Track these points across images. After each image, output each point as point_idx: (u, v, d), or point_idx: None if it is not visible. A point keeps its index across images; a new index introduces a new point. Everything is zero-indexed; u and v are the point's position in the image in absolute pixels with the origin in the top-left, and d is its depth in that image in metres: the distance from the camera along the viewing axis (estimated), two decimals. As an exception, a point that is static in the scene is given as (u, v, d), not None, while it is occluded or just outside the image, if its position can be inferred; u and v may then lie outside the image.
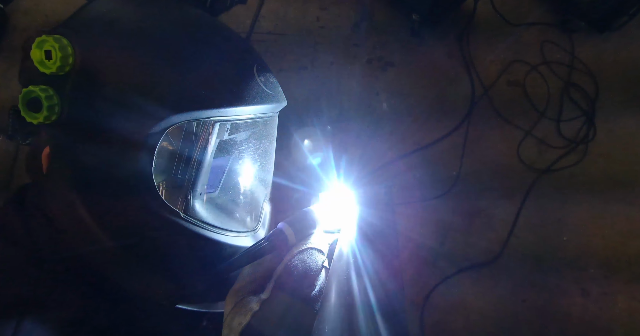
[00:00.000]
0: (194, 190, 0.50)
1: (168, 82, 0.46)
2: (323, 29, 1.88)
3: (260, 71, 0.56)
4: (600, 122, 1.65)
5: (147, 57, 0.46)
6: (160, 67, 0.46)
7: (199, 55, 0.48)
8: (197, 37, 0.50)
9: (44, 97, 0.45)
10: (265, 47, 1.88)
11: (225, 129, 0.52)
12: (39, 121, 0.46)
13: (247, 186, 0.64)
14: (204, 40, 0.50)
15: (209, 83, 0.47)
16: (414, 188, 1.66)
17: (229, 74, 0.50)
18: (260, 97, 0.54)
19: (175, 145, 0.48)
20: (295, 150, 1.51)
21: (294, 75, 1.83)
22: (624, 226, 1.55)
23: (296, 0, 1.93)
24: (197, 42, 0.49)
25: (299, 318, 0.44)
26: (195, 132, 0.49)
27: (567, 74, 1.70)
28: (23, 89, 0.47)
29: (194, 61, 0.47)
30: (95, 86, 0.45)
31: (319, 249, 0.47)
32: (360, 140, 1.72)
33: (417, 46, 1.80)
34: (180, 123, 0.46)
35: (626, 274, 1.52)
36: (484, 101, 1.71)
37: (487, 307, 1.54)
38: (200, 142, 0.48)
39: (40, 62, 0.46)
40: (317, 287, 0.45)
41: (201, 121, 0.48)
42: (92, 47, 0.46)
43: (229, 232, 0.55)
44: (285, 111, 0.73)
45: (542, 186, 1.61)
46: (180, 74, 0.46)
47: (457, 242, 1.60)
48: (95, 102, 0.46)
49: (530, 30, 1.78)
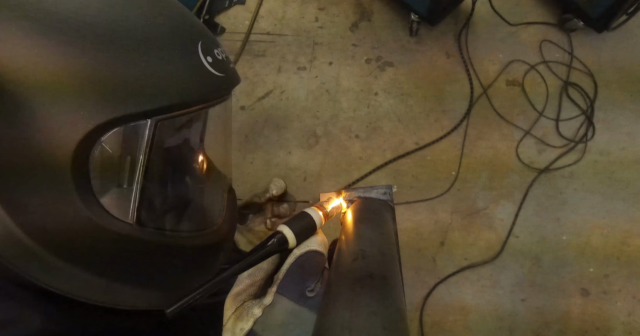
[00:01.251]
0: (144, 197, 0.44)
1: (86, 84, 0.37)
2: (321, 29, 1.88)
3: (206, 50, 0.46)
4: (599, 121, 1.65)
5: (59, 51, 0.36)
6: (77, 56, 0.37)
7: (129, 44, 0.39)
8: (129, 25, 0.40)
9: None
10: (263, 47, 1.88)
11: (171, 125, 0.46)
12: None
13: (205, 180, 0.59)
14: (135, 21, 0.41)
15: (141, 77, 0.39)
16: (413, 187, 1.66)
17: (166, 61, 0.41)
18: (207, 83, 0.45)
19: (114, 151, 0.41)
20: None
21: (292, 75, 1.83)
22: (623, 225, 1.56)
23: (295, 1, 1.93)
24: (128, 30, 0.40)
25: (302, 322, 0.44)
26: (135, 135, 0.41)
27: (565, 74, 1.70)
28: None
29: (124, 49, 0.39)
30: (1, 89, 0.36)
31: (320, 252, 0.46)
32: (359, 140, 1.72)
33: (415, 46, 1.81)
34: (113, 129, 0.39)
35: (626, 274, 1.52)
36: (483, 100, 1.71)
37: (486, 307, 1.54)
38: (143, 145, 0.42)
39: None
40: (319, 290, 0.45)
41: (138, 123, 0.41)
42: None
43: (192, 232, 0.52)
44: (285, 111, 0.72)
45: (541, 186, 1.62)
46: (102, 69, 0.38)
47: (456, 242, 1.60)
48: (1, 110, 0.36)
49: (528, 29, 1.78)
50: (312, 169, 1.72)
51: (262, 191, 0.70)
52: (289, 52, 1.87)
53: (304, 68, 1.84)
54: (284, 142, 1.75)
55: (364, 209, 0.56)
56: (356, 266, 0.39)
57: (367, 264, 0.39)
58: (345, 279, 0.37)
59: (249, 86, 1.82)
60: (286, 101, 1.80)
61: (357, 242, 0.44)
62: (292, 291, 0.44)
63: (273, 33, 1.90)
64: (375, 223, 0.50)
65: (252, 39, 1.91)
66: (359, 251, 0.41)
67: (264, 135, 1.76)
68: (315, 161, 1.73)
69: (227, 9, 1.97)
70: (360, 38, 1.85)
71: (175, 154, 0.51)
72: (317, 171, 1.72)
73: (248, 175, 1.71)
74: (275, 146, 1.74)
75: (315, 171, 1.72)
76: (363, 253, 0.41)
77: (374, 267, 0.39)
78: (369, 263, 0.39)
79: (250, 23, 1.92)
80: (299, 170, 1.72)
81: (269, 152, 1.74)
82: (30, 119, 0.36)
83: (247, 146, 1.76)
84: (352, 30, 1.86)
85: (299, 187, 1.71)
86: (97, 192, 0.41)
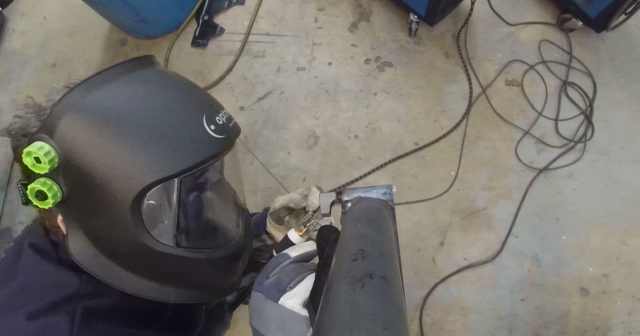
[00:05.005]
0: (179, 228, 0.65)
1: (135, 161, 0.58)
2: (321, 29, 1.88)
3: (209, 120, 0.65)
4: (598, 121, 1.65)
5: (113, 144, 0.58)
6: (125, 150, 0.58)
7: (156, 130, 0.60)
8: (153, 114, 0.61)
9: (46, 189, 0.59)
10: (263, 48, 1.88)
11: (192, 179, 0.66)
12: (48, 206, 0.59)
13: (223, 208, 0.80)
14: (159, 115, 0.62)
15: (169, 152, 0.60)
16: (412, 188, 1.66)
17: (183, 137, 0.62)
18: (213, 146, 0.65)
19: (157, 200, 0.62)
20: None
21: (292, 76, 1.83)
22: (623, 224, 1.56)
23: (294, 1, 1.93)
24: (153, 119, 0.61)
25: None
26: (169, 189, 0.62)
27: (564, 73, 1.71)
28: (29, 186, 0.59)
29: (154, 137, 0.60)
30: (80, 172, 0.58)
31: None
32: (358, 140, 1.73)
33: (414, 46, 1.81)
34: (154, 187, 0.60)
35: (625, 273, 1.52)
36: (482, 100, 1.72)
37: (486, 306, 1.54)
38: (174, 195, 0.62)
39: (33, 166, 0.58)
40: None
41: (169, 181, 0.61)
42: (69, 144, 0.58)
43: (215, 248, 0.71)
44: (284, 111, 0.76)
45: (541, 185, 1.62)
46: (143, 151, 0.59)
47: (456, 242, 1.61)
48: (84, 183, 0.59)
49: (527, 29, 1.78)
50: (312, 170, 1.72)
51: (300, 196, 0.88)
52: (288, 53, 1.87)
53: (303, 68, 1.84)
54: (283, 143, 1.75)
55: (364, 209, 0.56)
56: (356, 266, 0.39)
57: (367, 264, 0.39)
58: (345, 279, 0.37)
59: (248, 86, 1.82)
60: (285, 102, 1.80)
61: (357, 242, 0.44)
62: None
63: (272, 34, 1.90)
64: (376, 223, 0.50)
65: (251, 39, 1.91)
66: (358, 251, 0.41)
67: (264, 135, 1.76)
68: (315, 161, 1.73)
69: (227, 10, 1.97)
70: (360, 38, 1.85)
71: (199, 195, 0.71)
72: (317, 171, 1.72)
73: (248, 175, 1.71)
74: (274, 147, 1.74)
75: (315, 171, 1.72)
76: (363, 253, 0.41)
77: (374, 267, 0.39)
78: (369, 263, 0.39)
79: (249, 24, 1.92)
80: (298, 170, 1.72)
81: (269, 152, 1.74)
82: (106, 184, 0.58)
83: (246, 146, 1.76)
84: (351, 31, 1.86)
85: (298, 187, 1.70)
86: (147, 226, 0.62)
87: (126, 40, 2.02)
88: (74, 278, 0.65)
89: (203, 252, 0.68)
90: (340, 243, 0.48)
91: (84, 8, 1.83)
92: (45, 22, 2.11)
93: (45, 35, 2.09)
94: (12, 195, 1.89)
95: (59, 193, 0.60)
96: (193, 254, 0.67)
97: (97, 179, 0.58)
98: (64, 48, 2.05)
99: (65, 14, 2.10)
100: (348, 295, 0.35)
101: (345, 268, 0.39)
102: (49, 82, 2.01)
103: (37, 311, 0.60)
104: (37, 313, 0.59)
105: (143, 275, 0.66)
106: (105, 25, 2.04)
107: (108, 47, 2.02)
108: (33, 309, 0.60)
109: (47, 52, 2.06)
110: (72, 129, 0.58)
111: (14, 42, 2.10)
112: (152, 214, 0.62)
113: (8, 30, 2.12)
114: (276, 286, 0.52)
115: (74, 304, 0.62)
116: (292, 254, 0.57)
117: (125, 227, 0.61)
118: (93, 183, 0.59)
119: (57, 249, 0.68)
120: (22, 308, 0.60)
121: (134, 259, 0.65)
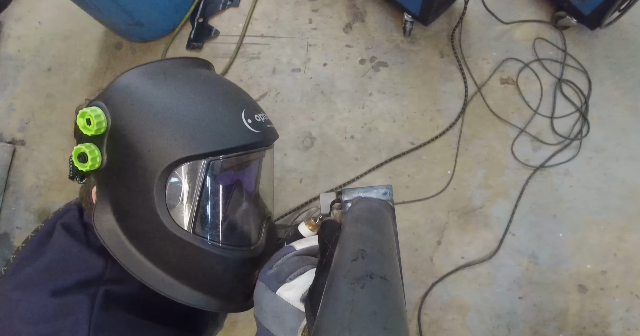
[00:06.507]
0: (198, 213, 0.66)
1: (170, 137, 0.62)
2: (315, 30, 1.88)
3: (247, 115, 0.70)
4: (593, 118, 1.66)
5: (155, 120, 0.63)
6: (165, 126, 0.63)
7: (196, 113, 0.65)
8: (196, 100, 0.67)
9: (88, 152, 0.63)
10: (258, 49, 1.88)
11: (219, 165, 0.68)
12: (86, 169, 0.64)
13: (246, 207, 0.79)
14: (201, 101, 0.67)
15: (203, 133, 0.64)
16: (409, 187, 1.67)
17: (220, 122, 0.66)
18: (247, 137, 0.68)
19: (182, 179, 0.65)
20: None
21: (287, 77, 1.83)
22: (620, 221, 1.56)
23: (288, 3, 1.93)
24: (195, 104, 0.66)
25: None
26: (195, 169, 0.65)
27: (559, 71, 1.71)
28: (75, 147, 0.65)
29: (192, 119, 0.64)
30: (122, 142, 0.63)
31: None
32: (354, 141, 1.73)
33: (409, 46, 1.81)
34: (183, 164, 0.63)
35: (623, 270, 1.53)
36: (477, 99, 1.72)
37: (484, 305, 1.55)
38: (200, 176, 0.65)
39: (83, 127, 0.64)
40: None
41: (197, 162, 0.64)
42: (119, 114, 0.64)
43: (232, 247, 0.71)
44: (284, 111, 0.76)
45: (537, 183, 1.62)
46: (179, 129, 0.63)
47: (453, 240, 1.61)
48: (122, 153, 0.63)
49: (522, 27, 1.79)
50: (308, 171, 1.72)
51: (317, 212, 0.90)
52: (283, 54, 1.87)
53: (299, 70, 1.84)
54: (279, 144, 1.75)
55: (364, 209, 0.56)
56: (356, 266, 0.39)
57: (367, 264, 0.39)
58: (345, 279, 0.37)
59: (244, 88, 1.80)
60: (281, 103, 1.80)
61: (357, 242, 0.44)
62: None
63: (267, 35, 1.90)
64: (376, 223, 0.51)
65: (246, 41, 1.91)
66: (358, 251, 0.41)
67: (260, 137, 1.76)
68: (311, 162, 1.73)
69: (221, 12, 1.97)
70: (354, 39, 1.85)
71: (225, 187, 0.71)
72: (313, 172, 1.72)
73: (245, 177, 1.70)
74: (271, 148, 1.74)
75: (311, 172, 1.72)
76: (363, 253, 0.41)
77: (374, 267, 0.39)
78: (369, 263, 0.39)
79: (244, 25, 1.92)
80: (294, 172, 1.72)
81: (265, 154, 1.74)
82: (141, 156, 0.62)
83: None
84: (345, 32, 1.87)
85: (295, 189, 1.71)
86: (168, 204, 0.64)
87: (121, 44, 2.01)
88: (99, 261, 0.69)
89: (217, 247, 0.68)
90: (340, 243, 0.48)
91: (79, 12, 1.82)
92: (41, 26, 2.11)
93: (41, 40, 2.08)
94: (10, 200, 1.88)
95: (99, 158, 0.64)
96: (207, 246, 0.67)
97: (133, 150, 0.62)
98: (60, 52, 2.05)
99: (60, 18, 2.10)
100: (348, 294, 0.35)
101: (345, 267, 0.40)
102: (45, 86, 2.01)
103: (61, 289, 0.63)
104: (61, 291, 0.63)
105: (158, 264, 0.67)
106: (100, 29, 2.04)
107: (103, 51, 2.02)
108: (58, 286, 0.63)
109: (42, 56, 2.06)
110: (123, 102, 0.64)
111: (9, 47, 2.10)
112: (174, 192, 0.65)
113: (3, 35, 2.12)
114: (276, 276, 0.53)
115: (97, 287, 0.65)
116: (297, 247, 0.58)
117: (148, 202, 0.63)
118: (130, 153, 0.63)
119: (87, 232, 0.73)
120: (47, 284, 0.64)
121: (150, 242, 0.67)
